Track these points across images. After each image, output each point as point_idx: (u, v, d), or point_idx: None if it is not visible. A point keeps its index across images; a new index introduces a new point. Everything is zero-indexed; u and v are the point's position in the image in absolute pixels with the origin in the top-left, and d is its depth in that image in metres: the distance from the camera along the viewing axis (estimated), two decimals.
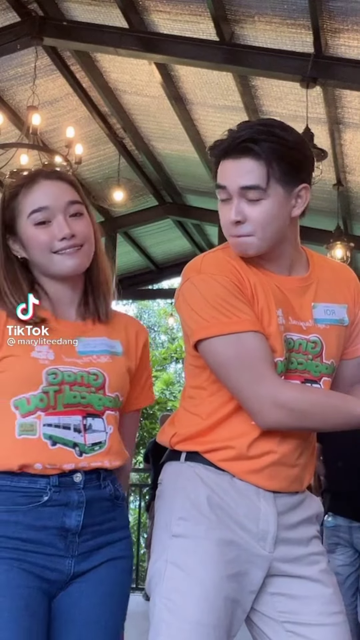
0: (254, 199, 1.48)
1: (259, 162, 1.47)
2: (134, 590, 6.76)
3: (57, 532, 1.49)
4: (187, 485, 1.55)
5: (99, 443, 1.55)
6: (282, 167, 1.48)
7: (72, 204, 1.56)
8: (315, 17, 4.47)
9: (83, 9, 5.38)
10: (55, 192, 1.56)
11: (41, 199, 1.54)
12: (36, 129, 4.98)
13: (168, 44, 5.18)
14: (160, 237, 8.99)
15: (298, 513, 1.57)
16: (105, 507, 1.56)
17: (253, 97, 5.60)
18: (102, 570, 1.54)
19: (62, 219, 1.53)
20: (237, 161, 1.49)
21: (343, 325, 1.60)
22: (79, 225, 1.55)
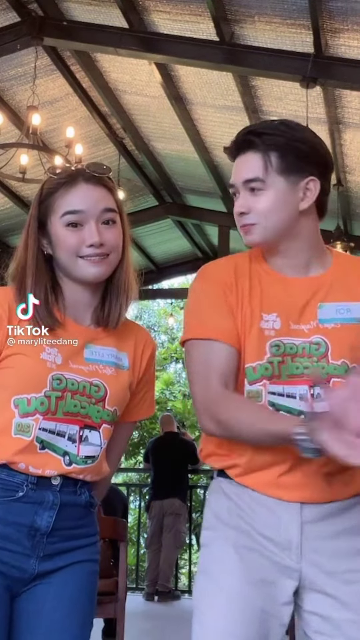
0: (255, 190, 1.54)
1: (258, 154, 1.54)
2: (134, 590, 6.76)
3: (27, 530, 1.49)
4: (212, 499, 1.60)
5: (92, 457, 1.55)
6: (282, 159, 1.53)
7: (106, 212, 1.56)
8: (315, 17, 4.47)
9: (83, 9, 5.38)
10: (92, 197, 1.55)
11: (77, 202, 1.54)
12: (36, 129, 4.98)
13: (168, 44, 5.18)
14: (160, 237, 8.98)
15: (337, 522, 1.51)
16: (79, 513, 1.56)
17: (253, 97, 5.60)
18: (67, 573, 1.53)
19: (94, 225, 1.53)
20: (242, 156, 1.57)
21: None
22: (109, 234, 1.56)
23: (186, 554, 8.41)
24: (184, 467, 6.97)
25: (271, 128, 1.57)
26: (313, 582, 1.49)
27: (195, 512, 8.57)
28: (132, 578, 7.34)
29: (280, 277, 1.59)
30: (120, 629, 3.40)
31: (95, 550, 1.60)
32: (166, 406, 11.12)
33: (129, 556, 5.19)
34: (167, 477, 6.80)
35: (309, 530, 1.49)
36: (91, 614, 1.59)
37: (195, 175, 7.35)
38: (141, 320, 16.34)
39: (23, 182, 4.97)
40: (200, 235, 9.02)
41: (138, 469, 10.09)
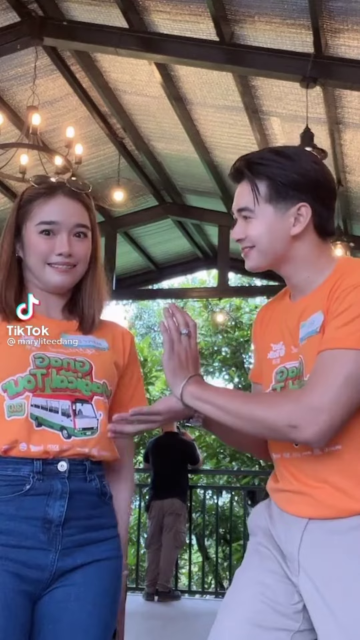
0: (247, 218, 1.62)
1: (247, 185, 1.61)
2: (134, 590, 6.75)
3: (41, 523, 1.49)
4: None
5: (90, 428, 1.57)
6: (269, 188, 1.58)
7: (79, 227, 1.65)
8: (315, 17, 4.46)
9: (83, 9, 5.38)
10: (68, 210, 1.64)
11: (53, 213, 1.63)
12: (36, 129, 4.97)
13: (168, 44, 5.18)
14: (160, 237, 8.99)
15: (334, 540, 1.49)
16: (91, 501, 1.56)
17: (253, 97, 5.60)
18: (89, 573, 1.53)
19: (65, 237, 1.62)
20: (238, 185, 1.65)
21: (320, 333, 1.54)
22: (78, 246, 1.64)
23: (186, 554, 8.41)
24: (184, 467, 6.97)
25: (261, 158, 1.62)
26: (307, 599, 1.51)
27: (195, 512, 8.57)
28: (132, 578, 7.34)
29: (289, 304, 1.67)
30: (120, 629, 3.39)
31: (115, 546, 1.60)
32: None
33: (129, 556, 5.18)
34: (167, 477, 6.80)
35: (304, 547, 1.52)
36: (114, 615, 1.58)
37: (195, 175, 7.35)
38: (141, 321, 16.35)
39: (23, 182, 4.96)
40: (200, 235, 9.02)
41: (138, 469, 10.04)
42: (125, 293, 9.71)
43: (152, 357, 11.58)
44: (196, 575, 8.25)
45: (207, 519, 9.15)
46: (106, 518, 1.59)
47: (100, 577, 1.54)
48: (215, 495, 8.45)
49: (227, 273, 8.27)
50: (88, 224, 1.67)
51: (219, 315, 11.57)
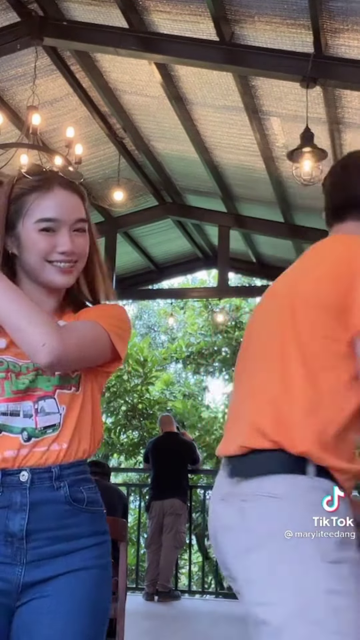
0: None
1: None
2: (134, 590, 6.76)
3: (3, 537, 1.43)
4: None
5: (52, 426, 1.48)
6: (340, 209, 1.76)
7: (79, 222, 1.58)
8: (315, 17, 4.46)
9: (83, 9, 5.38)
10: (68, 205, 1.57)
11: (54, 210, 1.55)
12: (36, 129, 4.97)
13: (168, 44, 5.18)
14: (160, 237, 8.98)
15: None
16: (60, 511, 1.46)
17: (253, 97, 5.59)
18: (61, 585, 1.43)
19: (67, 234, 1.55)
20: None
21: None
22: (79, 242, 1.58)
23: (186, 554, 8.41)
24: (184, 467, 6.97)
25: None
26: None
27: (195, 512, 8.57)
28: (132, 578, 7.34)
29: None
30: (120, 629, 3.39)
31: (96, 554, 1.49)
32: (166, 406, 11.12)
33: (129, 556, 5.18)
34: (167, 477, 6.80)
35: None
36: (99, 626, 1.47)
37: (195, 175, 7.35)
38: (141, 321, 16.35)
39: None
40: (200, 235, 9.01)
41: (138, 469, 10.08)
42: (125, 293, 9.70)
43: (152, 357, 11.57)
44: (196, 575, 8.25)
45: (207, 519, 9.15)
46: (82, 527, 1.48)
47: (74, 588, 1.44)
48: None
49: (227, 273, 8.28)
50: (85, 217, 1.61)
51: (219, 315, 11.58)
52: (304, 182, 5.05)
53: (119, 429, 10.91)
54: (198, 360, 12.27)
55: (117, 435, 10.85)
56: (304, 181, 5.04)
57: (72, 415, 1.50)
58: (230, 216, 7.84)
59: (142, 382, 11.13)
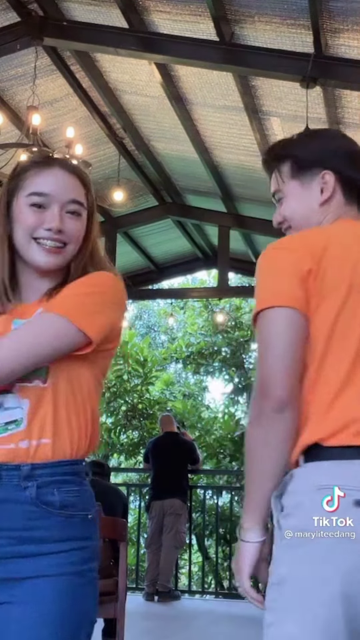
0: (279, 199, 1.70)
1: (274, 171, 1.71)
2: (134, 590, 6.76)
3: None
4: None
5: (14, 421, 1.41)
6: (292, 165, 1.67)
7: (73, 203, 1.52)
8: (315, 17, 4.46)
9: (83, 9, 5.38)
10: (63, 183, 1.52)
11: (46, 184, 1.50)
12: (36, 129, 4.98)
13: (168, 44, 5.18)
14: (160, 237, 8.98)
15: None
16: (27, 512, 1.39)
17: (253, 97, 5.60)
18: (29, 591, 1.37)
19: (57, 211, 1.49)
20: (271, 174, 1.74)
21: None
22: (71, 224, 1.51)
23: (186, 554, 8.41)
24: (184, 467, 6.97)
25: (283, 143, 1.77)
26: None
27: (195, 512, 8.57)
28: (132, 578, 7.34)
29: None
30: (120, 629, 3.40)
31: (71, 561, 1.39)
32: (166, 406, 11.12)
33: (129, 556, 5.18)
34: (167, 477, 6.80)
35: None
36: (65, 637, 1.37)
37: (195, 175, 7.35)
38: (141, 321, 16.35)
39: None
40: (200, 235, 9.01)
41: (138, 469, 10.08)
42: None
43: (152, 357, 11.57)
44: (196, 575, 8.25)
45: (207, 519, 9.15)
46: (52, 531, 1.39)
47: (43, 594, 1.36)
48: (215, 495, 8.44)
49: (227, 273, 8.28)
50: (84, 202, 1.53)
51: (219, 315, 11.58)
52: None
53: (119, 429, 10.90)
54: (198, 360, 12.27)
55: (117, 435, 10.85)
56: None
57: (40, 411, 1.41)
58: (230, 216, 7.85)
59: (142, 382, 11.12)
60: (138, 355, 11.11)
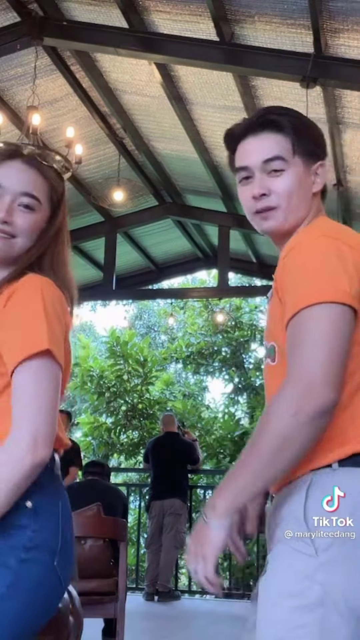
0: (277, 170, 1.50)
1: (282, 134, 1.52)
2: (134, 590, 6.76)
3: None
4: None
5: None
6: (302, 141, 1.52)
7: (26, 196, 1.52)
8: (315, 17, 4.46)
9: (83, 9, 5.38)
10: (19, 176, 1.53)
11: (2, 176, 1.51)
12: (36, 129, 4.98)
13: (168, 44, 5.18)
14: (160, 237, 8.99)
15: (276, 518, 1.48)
16: None
17: (253, 97, 5.60)
18: None
19: (7, 202, 1.50)
20: (258, 136, 1.53)
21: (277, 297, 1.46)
22: (20, 217, 1.51)
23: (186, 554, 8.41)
24: (184, 467, 6.97)
25: (287, 111, 1.57)
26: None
27: (195, 512, 8.56)
28: (132, 578, 7.35)
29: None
30: (120, 629, 3.40)
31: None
32: (166, 406, 11.12)
33: (129, 556, 5.18)
34: (167, 477, 6.80)
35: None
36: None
37: (195, 175, 7.35)
38: (141, 321, 16.35)
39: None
40: (200, 235, 9.01)
41: (138, 469, 10.08)
42: (125, 293, 9.71)
43: (152, 357, 11.57)
44: None
45: None
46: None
47: None
48: None
49: (227, 273, 8.27)
50: (41, 198, 1.53)
51: (219, 315, 11.58)
52: None
53: (119, 429, 10.90)
54: (198, 360, 12.27)
55: (117, 435, 10.85)
56: None
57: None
58: (230, 216, 7.85)
59: (142, 382, 11.12)
60: (138, 355, 11.11)
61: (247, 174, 1.54)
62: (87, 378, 10.92)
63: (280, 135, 1.51)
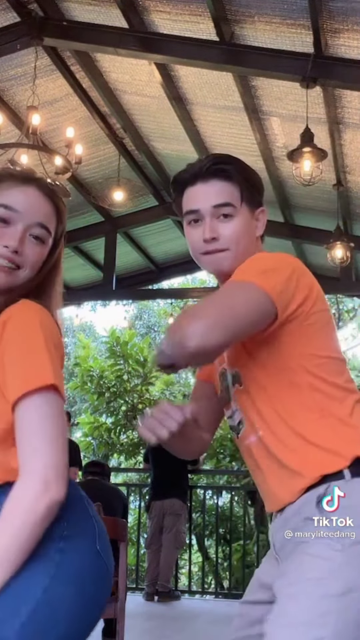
0: (227, 216, 1.59)
1: (231, 183, 1.61)
2: (134, 590, 6.75)
3: None
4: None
5: None
6: (248, 190, 1.62)
7: (40, 227, 1.46)
8: (315, 17, 4.47)
9: (83, 9, 5.38)
10: (34, 205, 1.46)
11: (16, 201, 1.45)
12: (36, 129, 4.98)
13: (168, 44, 5.18)
14: (160, 237, 8.98)
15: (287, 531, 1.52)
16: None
17: (253, 97, 5.60)
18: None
19: (20, 230, 1.44)
20: (208, 183, 1.61)
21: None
22: (31, 249, 1.45)
23: (186, 554, 8.41)
24: (184, 467, 6.97)
25: (235, 160, 1.66)
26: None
27: (195, 512, 8.56)
28: (132, 578, 7.34)
29: None
30: (120, 629, 3.39)
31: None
32: None
33: (129, 556, 5.18)
34: (167, 477, 6.79)
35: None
36: None
37: None
38: (141, 321, 16.35)
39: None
40: None
41: (138, 469, 10.07)
42: (125, 293, 9.70)
43: (152, 357, 11.56)
44: (196, 575, 8.24)
45: (207, 519, 9.15)
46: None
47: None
48: (215, 495, 8.44)
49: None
50: (51, 230, 1.48)
51: None
52: (303, 182, 5.05)
53: (119, 429, 10.90)
54: None
55: (117, 435, 10.84)
56: (304, 181, 5.04)
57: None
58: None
59: (142, 382, 11.11)
60: (138, 355, 11.10)
61: (196, 217, 1.62)
62: (87, 378, 10.90)
63: (229, 184, 1.60)
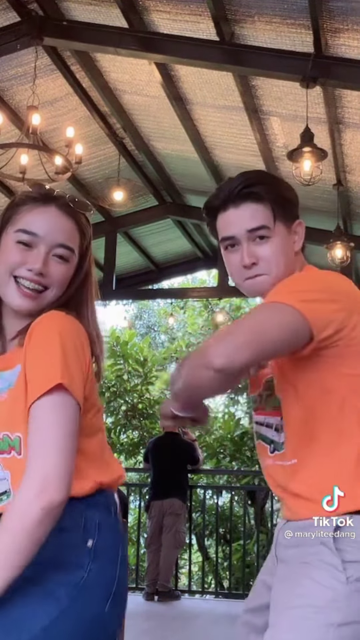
0: (263, 237, 1.58)
1: (262, 203, 1.58)
2: (134, 590, 6.75)
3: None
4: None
5: (5, 492, 1.41)
6: (281, 208, 1.59)
7: (60, 247, 1.46)
8: (315, 17, 4.46)
9: (83, 9, 5.38)
10: (55, 226, 1.46)
11: (37, 224, 1.45)
12: (36, 129, 4.98)
13: (168, 44, 5.18)
14: (160, 237, 8.99)
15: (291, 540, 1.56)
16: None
17: (253, 97, 5.60)
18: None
19: (42, 252, 1.44)
20: (240, 207, 1.59)
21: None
22: (55, 269, 1.45)
23: (186, 554, 8.41)
24: (183, 467, 6.97)
25: (263, 178, 1.65)
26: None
27: (195, 512, 8.56)
28: (132, 578, 7.33)
29: None
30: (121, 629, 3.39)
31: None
32: None
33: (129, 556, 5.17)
34: (167, 477, 6.79)
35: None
36: None
37: (195, 175, 7.35)
38: (141, 321, 16.34)
39: (23, 182, 4.97)
40: (200, 235, 9.01)
41: (138, 469, 10.07)
42: (125, 293, 9.71)
43: (152, 357, 11.56)
44: (196, 575, 8.24)
45: (207, 519, 9.15)
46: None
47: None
48: (215, 495, 8.44)
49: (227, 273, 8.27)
50: (75, 247, 1.47)
51: (219, 315, 11.57)
52: (304, 182, 5.05)
53: (119, 429, 10.90)
54: None
55: (117, 435, 10.85)
56: (304, 181, 5.04)
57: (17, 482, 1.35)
58: None
59: (142, 382, 11.11)
60: (138, 355, 11.10)
61: (232, 242, 1.62)
62: None
63: (260, 205, 1.58)
